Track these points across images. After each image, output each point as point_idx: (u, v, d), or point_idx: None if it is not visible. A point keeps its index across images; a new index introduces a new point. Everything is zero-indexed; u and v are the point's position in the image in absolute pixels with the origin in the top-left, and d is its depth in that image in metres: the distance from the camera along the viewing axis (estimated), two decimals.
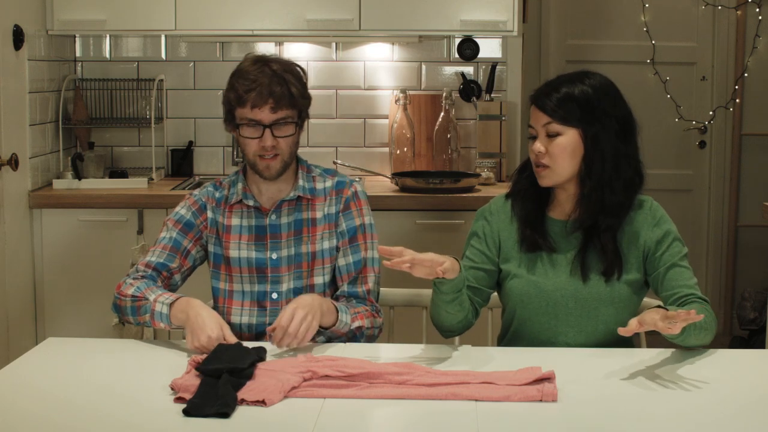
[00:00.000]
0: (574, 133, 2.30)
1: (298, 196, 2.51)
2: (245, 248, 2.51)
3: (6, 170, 3.63)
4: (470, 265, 2.42)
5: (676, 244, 2.36)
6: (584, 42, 5.28)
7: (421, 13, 3.98)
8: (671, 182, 5.29)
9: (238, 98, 2.43)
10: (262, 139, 2.42)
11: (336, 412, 1.88)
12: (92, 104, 4.33)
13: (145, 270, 2.49)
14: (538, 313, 2.35)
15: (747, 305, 5.03)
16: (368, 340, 2.47)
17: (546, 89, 2.35)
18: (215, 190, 2.56)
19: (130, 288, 2.42)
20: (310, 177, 2.55)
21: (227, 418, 1.84)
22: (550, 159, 2.31)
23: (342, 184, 2.55)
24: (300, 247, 2.50)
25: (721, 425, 1.86)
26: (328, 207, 2.52)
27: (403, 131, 4.24)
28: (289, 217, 2.51)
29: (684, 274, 2.36)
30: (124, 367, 2.18)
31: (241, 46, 4.35)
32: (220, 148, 4.40)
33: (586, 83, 2.33)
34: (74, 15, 4.00)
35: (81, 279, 3.86)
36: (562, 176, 2.33)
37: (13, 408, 1.93)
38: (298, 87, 2.45)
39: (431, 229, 3.82)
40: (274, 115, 2.42)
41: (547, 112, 2.31)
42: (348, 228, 2.52)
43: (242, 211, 2.52)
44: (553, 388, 1.95)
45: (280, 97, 2.41)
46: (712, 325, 2.27)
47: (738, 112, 5.27)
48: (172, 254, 2.51)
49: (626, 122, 2.34)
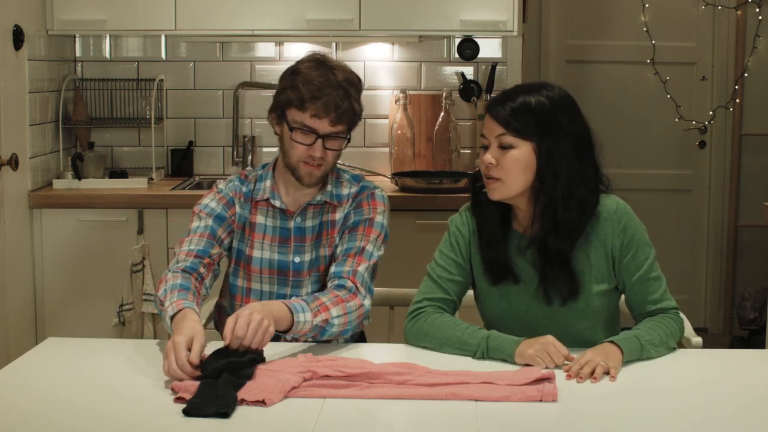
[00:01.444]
0: (527, 146, 2.23)
1: (325, 201, 2.48)
2: (268, 249, 2.48)
3: (6, 170, 3.63)
4: (447, 277, 2.38)
5: (642, 251, 2.30)
6: (584, 42, 5.28)
7: (421, 13, 3.98)
8: (671, 182, 5.29)
9: (301, 102, 2.35)
10: (312, 148, 2.37)
11: (336, 412, 1.88)
12: (92, 104, 4.33)
13: (186, 259, 2.40)
14: (516, 333, 2.29)
15: (747, 305, 5.03)
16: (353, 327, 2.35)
17: (502, 99, 2.27)
18: (242, 184, 2.51)
19: (161, 287, 2.33)
20: (339, 183, 2.52)
21: (227, 418, 1.83)
22: (501, 171, 2.24)
23: (363, 189, 2.52)
24: (320, 250, 2.48)
25: (721, 425, 1.86)
26: (346, 209, 2.50)
27: (403, 131, 4.24)
28: (313, 220, 2.48)
29: (650, 287, 2.30)
30: (124, 367, 2.18)
31: (241, 46, 4.35)
32: (220, 148, 4.40)
33: (543, 95, 2.25)
34: (74, 15, 4.00)
35: (81, 279, 3.86)
36: (513, 190, 2.26)
37: (13, 408, 1.93)
38: (359, 104, 2.42)
39: (431, 229, 3.81)
40: (331, 128, 2.37)
41: (501, 122, 2.23)
42: (354, 221, 2.48)
43: (267, 210, 2.49)
44: (553, 388, 1.95)
45: (342, 113, 2.37)
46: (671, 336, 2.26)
47: (738, 112, 5.27)
48: (210, 241, 2.43)
49: (583, 140, 2.26)
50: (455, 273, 2.38)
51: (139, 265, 3.81)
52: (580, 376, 2.04)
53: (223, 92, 4.37)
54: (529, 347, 2.14)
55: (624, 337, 2.19)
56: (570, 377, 2.03)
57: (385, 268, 3.78)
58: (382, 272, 2.55)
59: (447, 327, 2.28)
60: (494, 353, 2.19)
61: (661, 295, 2.32)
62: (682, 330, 2.31)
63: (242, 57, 4.37)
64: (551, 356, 2.12)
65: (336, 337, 2.35)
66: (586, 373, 2.05)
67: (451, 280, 2.38)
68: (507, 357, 2.17)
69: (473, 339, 2.23)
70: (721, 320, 5.39)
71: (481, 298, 2.40)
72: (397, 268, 3.76)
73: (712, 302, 5.39)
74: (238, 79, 4.32)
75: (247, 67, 4.36)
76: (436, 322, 2.31)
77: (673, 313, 2.30)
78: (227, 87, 4.35)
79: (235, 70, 4.35)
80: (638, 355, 2.17)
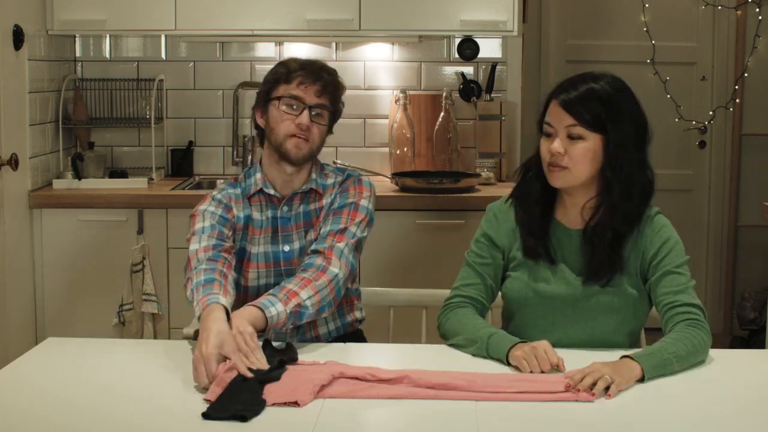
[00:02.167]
0: (597, 138, 2.24)
1: (311, 189, 2.52)
2: (263, 242, 2.51)
3: (6, 170, 3.63)
4: (481, 261, 2.40)
5: (674, 252, 2.30)
6: (584, 42, 5.28)
7: (421, 13, 3.98)
8: (671, 182, 5.29)
9: (288, 73, 2.45)
10: (300, 117, 2.44)
11: (336, 412, 1.88)
12: (92, 104, 4.33)
13: (204, 254, 2.37)
14: (536, 317, 2.33)
15: (747, 305, 5.03)
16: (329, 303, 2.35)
17: (572, 88, 2.25)
18: (232, 188, 2.55)
19: (188, 289, 2.32)
20: (323, 174, 2.57)
21: (245, 421, 1.82)
22: (569, 161, 2.24)
23: (350, 176, 2.57)
24: (307, 236, 2.52)
25: (721, 425, 1.86)
26: (332, 195, 2.54)
27: (403, 131, 4.24)
28: (298, 209, 2.52)
29: (676, 279, 2.27)
30: (124, 367, 2.18)
31: (241, 46, 4.35)
32: (220, 148, 4.40)
33: (610, 85, 2.26)
34: (74, 15, 4.00)
35: (81, 279, 3.86)
36: (578, 180, 2.27)
37: (13, 408, 1.93)
38: (341, 87, 2.53)
39: (431, 229, 3.82)
40: (318, 99, 2.45)
41: (573, 114, 2.23)
42: (338, 204, 2.51)
43: (260, 204, 2.52)
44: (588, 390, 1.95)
45: (327, 83, 2.47)
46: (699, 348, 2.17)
47: (738, 112, 5.27)
48: (220, 238, 2.44)
49: (644, 129, 2.29)
50: (488, 255, 2.39)
51: (139, 265, 3.81)
52: (578, 388, 1.97)
53: (223, 92, 4.37)
54: (519, 349, 2.14)
55: (645, 353, 2.11)
56: (569, 387, 1.98)
57: (385, 268, 3.80)
58: (382, 272, 2.56)
59: (464, 320, 2.31)
60: (494, 353, 2.19)
61: (686, 290, 2.27)
62: (710, 340, 2.22)
63: (242, 57, 4.37)
64: (539, 361, 2.09)
65: (315, 317, 2.35)
66: (586, 384, 1.97)
67: (485, 264, 2.39)
68: (502, 357, 2.17)
69: (478, 335, 2.24)
70: (721, 320, 5.39)
71: (508, 279, 2.39)
72: (397, 268, 3.77)
73: (712, 302, 5.39)
74: (238, 79, 4.33)
75: (247, 67, 4.36)
76: (458, 314, 2.35)
77: (698, 319, 2.22)
78: (227, 87, 4.35)
79: (235, 70, 4.35)
80: (662, 371, 2.08)
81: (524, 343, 2.16)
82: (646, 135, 2.30)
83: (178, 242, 3.84)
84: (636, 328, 2.36)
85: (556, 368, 2.09)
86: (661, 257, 2.29)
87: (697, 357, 2.17)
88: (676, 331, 2.20)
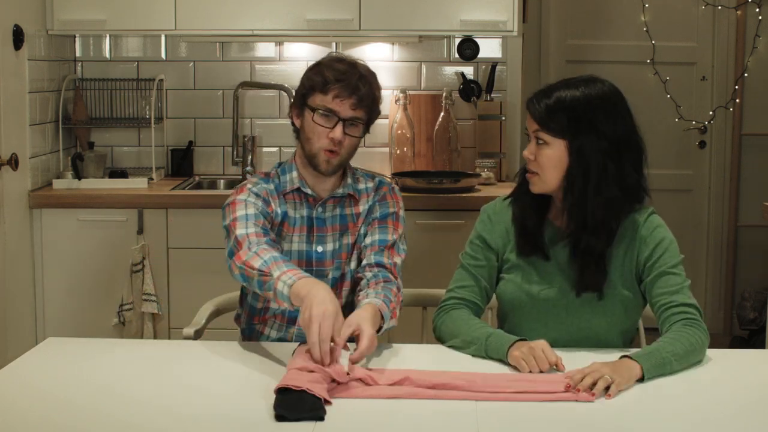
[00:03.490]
0: (560, 144, 2.25)
1: (348, 194, 2.52)
2: (297, 240, 2.50)
3: (6, 170, 3.63)
4: (475, 263, 2.41)
5: (669, 252, 2.29)
6: (584, 42, 5.28)
7: (421, 13, 3.98)
8: (671, 182, 5.29)
9: (324, 83, 2.41)
10: (333, 131, 2.42)
11: (336, 411, 1.88)
12: (92, 104, 4.33)
13: (257, 238, 2.33)
14: (529, 320, 2.34)
15: (747, 305, 5.03)
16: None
17: (540, 95, 2.29)
18: (266, 183, 2.52)
19: (257, 260, 2.25)
20: (356, 178, 2.57)
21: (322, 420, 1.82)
22: (537, 166, 2.28)
23: (382, 183, 2.60)
24: (342, 239, 2.52)
25: (721, 425, 1.86)
26: (368, 201, 2.55)
27: (403, 131, 4.24)
28: (333, 211, 2.52)
29: (671, 280, 2.27)
30: (124, 367, 2.18)
31: (241, 46, 4.35)
32: (220, 148, 4.40)
33: (581, 92, 2.24)
34: (74, 15, 4.00)
35: (81, 279, 3.86)
36: (549, 185, 2.28)
37: (13, 408, 1.93)
38: (379, 93, 2.52)
39: (431, 229, 3.82)
40: (353, 112, 2.43)
41: (536, 119, 2.27)
42: (381, 213, 2.53)
43: (295, 202, 2.51)
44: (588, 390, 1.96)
45: (363, 97, 2.44)
46: (696, 347, 2.17)
47: (738, 112, 5.27)
48: (265, 229, 2.40)
49: (621, 141, 2.25)
50: (482, 258, 2.40)
51: (139, 265, 3.81)
52: (578, 388, 1.96)
53: (223, 92, 4.37)
54: (518, 349, 2.14)
55: (644, 353, 2.11)
56: (569, 387, 1.97)
57: None
58: None
59: (460, 322, 2.32)
60: (493, 353, 2.20)
61: (682, 290, 2.26)
62: (708, 339, 2.22)
63: (242, 57, 4.37)
64: (537, 361, 2.09)
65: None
66: (586, 384, 1.97)
67: (479, 265, 2.40)
68: (502, 356, 2.17)
69: (476, 335, 2.24)
70: (721, 320, 5.39)
71: (501, 281, 2.40)
72: None
73: (712, 302, 5.39)
74: (238, 79, 4.32)
75: (247, 67, 4.36)
76: (453, 316, 2.35)
77: (695, 318, 2.22)
78: (227, 87, 4.35)
79: (235, 70, 4.35)
80: (661, 370, 2.08)
81: (523, 343, 2.16)
82: (628, 147, 2.26)
83: (178, 242, 3.84)
84: (629, 327, 2.36)
85: (555, 367, 2.09)
86: (656, 258, 2.29)
87: (695, 356, 2.17)
88: (673, 330, 2.19)
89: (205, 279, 3.74)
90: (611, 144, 2.24)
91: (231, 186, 4.22)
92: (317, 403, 1.87)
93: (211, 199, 3.85)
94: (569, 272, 2.31)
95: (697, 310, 2.24)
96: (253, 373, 2.12)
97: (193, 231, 3.84)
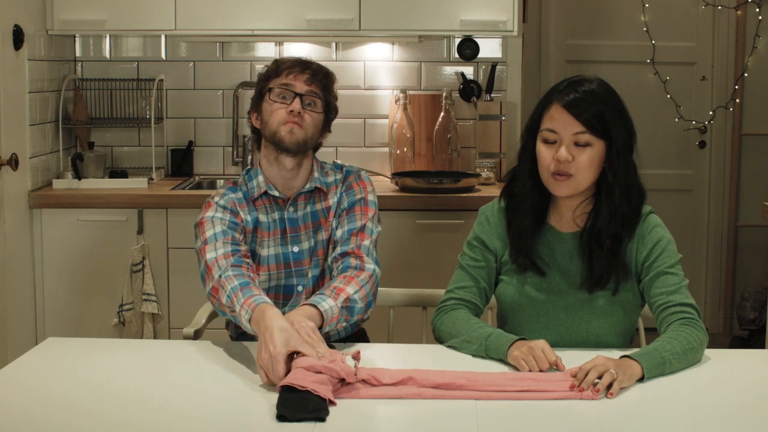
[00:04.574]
0: (601, 144, 2.24)
1: (315, 188, 2.53)
2: (272, 245, 2.51)
3: (6, 170, 3.63)
4: (474, 264, 2.41)
5: (667, 251, 2.29)
6: (584, 42, 5.28)
7: (421, 13, 3.98)
8: (671, 182, 5.29)
9: (277, 68, 2.49)
10: (292, 104, 2.45)
11: (336, 411, 1.88)
12: (92, 104, 4.33)
13: (225, 261, 2.34)
14: (529, 321, 2.33)
15: (747, 305, 5.03)
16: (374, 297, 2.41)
17: (575, 93, 2.24)
18: (233, 192, 2.53)
19: (223, 295, 2.27)
20: (324, 171, 2.58)
21: (323, 421, 1.82)
22: (576, 168, 2.23)
23: (349, 173, 2.60)
24: (317, 235, 2.52)
25: (721, 425, 1.86)
26: (338, 194, 2.55)
27: (403, 131, 4.24)
28: (305, 209, 2.53)
29: (669, 280, 2.27)
30: (124, 367, 2.18)
31: (241, 46, 4.35)
32: (220, 148, 4.40)
33: (606, 91, 2.26)
34: (74, 15, 4.00)
35: (81, 279, 3.86)
36: (582, 187, 2.26)
37: (13, 408, 1.93)
38: (331, 76, 2.55)
39: (431, 229, 3.82)
40: (308, 87, 2.47)
41: (583, 121, 2.21)
42: (348, 202, 2.54)
43: (265, 206, 2.52)
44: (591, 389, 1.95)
45: (316, 71, 2.50)
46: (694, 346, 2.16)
47: (738, 112, 5.27)
48: (235, 243, 2.41)
49: (633, 132, 2.30)
50: (480, 258, 2.40)
51: (139, 265, 3.82)
52: (582, 387, 1.95)
53: (223, 92, 4.37)
54: (517, 348, 2.14)
55: (643, 352, 2.10)
56: (573, 387, 1.96)
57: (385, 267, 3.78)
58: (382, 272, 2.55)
59: (459, 322, 2.31)
60: (493, 353, 2.19)
61: (680, 290, 2.26)
62: (706, 338, 2.21)
63: (242, 57, 4.37)
64: (537, 360, 2.09)
65: (364, 315, 2.39)
66: (591, 379, 1.96)
67: (478, 266, 2.40)
68: (502, 356, 2.17)
69: (475, 335, 2.24)
70: (721, 320, 5.39)
71: (500, 282, 2.40)
72: (397, 267, 3.77)
73: (712, 302, 5.39)
74: (238, 79, 4.33)
75: (247, 67, 4.36)
76: (453, 316, 2.35)
77: (693, 318, 2.22)
78: (227, 87, 4.35)
79: (235, 70, 4.36)
80: (661, 370, 2.08)
81: (522, 342, 2.16)
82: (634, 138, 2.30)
83: (178, 242, 3.84)
84: (629, 328, 2.36)
85: (555, 367, 2.09)
86: (654, 257, 2.29)
87: (694, 355, 2.16)
88: (671, 330, 2.19)
89: None
90: (630, 136, 2.28)
91: None
92: (321, 403, 1.87)
93: None
94: (569, 273, 2.31)
95: (695, 309, 2.24)
96: (253, 373, 2.12)
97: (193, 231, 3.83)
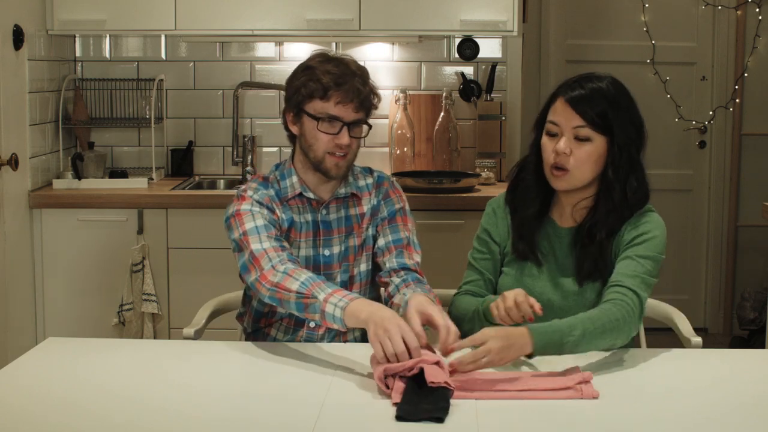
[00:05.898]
0: (602, 140, 2.24)
1: (351, 193, 2.51)
2: (304, 246, 2.48)
3: (6, 170, 3.63)
4: (480, 257, 2.43)
5: (647, 244, 2.25)
6: (584, 42, 5.28)
7: (421, 13, 3.98)
8: (671, 182, 5.29)
9: (324, 91, 2.37)
10: (339, 137, 2.38)
11: (336, 411, 1.88)
12: (92, 104, 4.33)
13: (276, 254, 2.29)
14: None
15: (747, 305, 5.03)
16: None
17: (581, 90, 2.24)
18: (265, 188, 2.47)
19: (293, 282, 2.21)
20: (354, 175, 2.55)
21: (442, 422, 1.81)
22: (574, 163, 2.23)
23: (381, 179, 2.57)
24: (349, 241, 2.50)
25: (721, 425, 1.85)
26: (371, 200, 2.53)
27: (403, 131, 4.24)
28: (338, 213, 2.50)
29: (632, 265, 2.21)
30: (124, 367, 2.18)
31: (241, 46, 4.35)
32: (220, 148, 4.40)
33: (615, 88, 2.25)
34: (74, 15, 4.00)
35: (81, 279, 3.86)
36: (581, 182, 2.27)
37: (13, 408, 1.93)
38: (376, 88, 2.47)
39: (431, 229, 3.82)
40: (356, 115, 2.40)
41: (584, 115, 2.22)
42: (389, 212, 2.52)
43: (298, 207, 2.48)
44: (592, 388, 1.96)
45: (365, 98, 2.41)
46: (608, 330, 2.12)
47: (738, 112, 5.28)
48: (278, 239, 2.36)
49: (643, 132, 2.29)
50: (486, 251, 2.43)
51: (139, 265, 3.82)
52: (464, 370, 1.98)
53: (223, 92, 4.37)
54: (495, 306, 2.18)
55: (548, 330, 2.06)
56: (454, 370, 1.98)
57: None
58: None
59: (462, 304, 2.37)
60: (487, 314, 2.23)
61: (636, 277, 2.19)
62: (633, 326, 2.16)
63: (242, 57, 4.37)
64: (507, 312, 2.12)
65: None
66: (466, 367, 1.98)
67: (483, 258, 2.43)
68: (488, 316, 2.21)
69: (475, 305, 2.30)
70: (721, 320, 5.38)
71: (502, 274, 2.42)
72: None
73: (712, 302, 5.39)
74: (238, 79, 4.33)
75: (247, 67, 4.36)
76: (456, 302, 2.41)
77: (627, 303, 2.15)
78: (227, 87, 4.35)
79: (235, 70, 4.36)
80: (556, 350, 2.06)
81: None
82: (644, 137, 2.30)
83: (178, 242, 3.84)
84: None
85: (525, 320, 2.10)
86: (633, 245, 2.26)
87: (604, 339, 2.11)
88: (597, 309, 2.15)
89: (205, 279, 3.75)
90: (638, 134, 2.28)
91: (231, 186, 4.22)
92: (442, 403, 1.86)
93: (211, 199, 3.85)
94: (564, 266, 2.32)
95: (638, 298, 2.17)
96: (253, 374, 2.12)
97: (193, 231, 3.84)
